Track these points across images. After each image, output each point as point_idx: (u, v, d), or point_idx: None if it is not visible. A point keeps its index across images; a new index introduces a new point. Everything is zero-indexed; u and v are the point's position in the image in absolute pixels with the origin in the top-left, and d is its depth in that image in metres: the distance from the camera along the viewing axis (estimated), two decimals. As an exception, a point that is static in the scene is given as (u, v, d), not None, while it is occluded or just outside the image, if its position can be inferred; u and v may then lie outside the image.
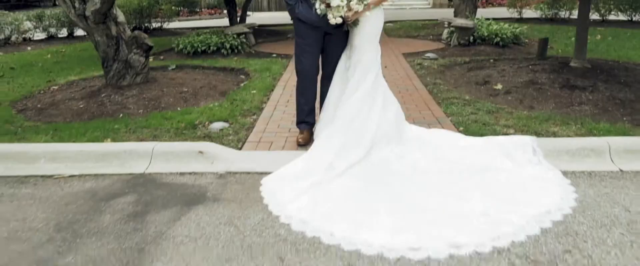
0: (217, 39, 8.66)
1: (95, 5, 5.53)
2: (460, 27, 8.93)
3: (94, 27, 5.74)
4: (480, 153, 3.75)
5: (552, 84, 5.60)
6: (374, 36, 3.81)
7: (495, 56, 8.06)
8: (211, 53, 8.64)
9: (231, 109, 5.14)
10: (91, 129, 4.52)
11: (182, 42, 8.76)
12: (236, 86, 6.45)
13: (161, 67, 7.76)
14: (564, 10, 13.61)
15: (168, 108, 5.39)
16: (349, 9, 3.44)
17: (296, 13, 3.73)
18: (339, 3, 3.36)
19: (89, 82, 6.86)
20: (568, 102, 5.13)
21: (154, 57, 8.81)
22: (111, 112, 5.28)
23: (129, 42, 6.00)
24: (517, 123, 4.49)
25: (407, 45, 9.57)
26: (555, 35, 10.52)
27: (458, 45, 8.99)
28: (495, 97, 5.48)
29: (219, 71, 7.45)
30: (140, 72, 6.11)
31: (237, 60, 8.20)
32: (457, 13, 11.91)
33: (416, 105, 5.21)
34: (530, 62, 6.84)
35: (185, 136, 4.33)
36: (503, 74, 6.26)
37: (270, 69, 7.11)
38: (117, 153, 3.83)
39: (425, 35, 11.14)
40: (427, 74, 6.78)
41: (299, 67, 3.95)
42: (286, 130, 4.48)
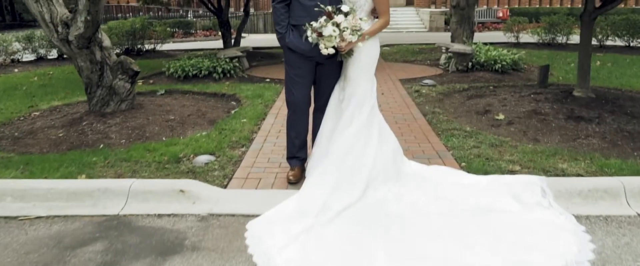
0: (209, 63, 8.42)
1: (78, 30, 5.27)
2: (459, 53, 8.73)
3: (77, 52, 5.47)
4: (484, 193, 3.46)
5: (557, 115, 5.34)
6: (369, 67, 3.55)
7: (495, 82, 7.84)
8: (203, 77, 8.38)
9: (219, 140, 4.85)
10: (66, 162, 4.21)
11: (173, 66, 8.51)
12: (226, 113, 6.17)
13: (150, 92, 7.49)
14: (561, 36, 13.49)
15: (152, 138, 5.09)
16: (342, 39, 3.18)
17: (286, 42, 3.47)
18: (331, 33, 3.10)
19: (73, 108, 6.57)
20: (574, 135, 4.87)
21: (143, 81, 8.56)
22: (91, 143, 4.98)
23: (114, 67, 5.73)
24: (522, 158, 4.21)
25: (404, 70, 9.35)
26: (554, 61, 10.34)
27: (456, 71, 8.79)
28: (497, 128, 5.21)
29: (210, 97, 7.18)
30: (125, 99, 5.82)
31: (229, 85, 7.94)
32: (455, 38, 11.78)
33: (415, 137, 4.94)
34: (531, 90, 6.60)
35: (167, 171, 4.02)
36: (504, 103, 6.01)
37: (263, 96, 6.84)
38: (90, 192, 3.52)
39: (423, 60, 10.95)
40: (426, 101, 6.53)
41: (289, 99, 3.67)
42: (276, 165, 4.19)
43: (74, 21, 5.25)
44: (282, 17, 3.48)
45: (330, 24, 3.12)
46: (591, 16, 5.51)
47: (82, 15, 5.16)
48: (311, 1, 3.38)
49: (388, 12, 3.47)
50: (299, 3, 3.44)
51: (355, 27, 3.19)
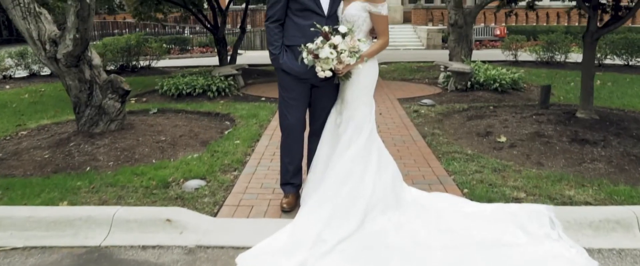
0: (204, 81, 8.26)
1: (67, 48, 5.10)
2: (457, 72, 8.61)
3: (65, 71, 5.30)
4: (489, 224, 3.27)
5: (560, 138, 5.18)
6: (368, 89, 3.38)
7: (495, 102, 7.70)
8: (197, 96, 8.21)
9: (211, 163, 4.66)
10: (49, 187, 4.00)
11: (167, 84, 8.34)
12: (219, 134, 5.99)
13: (142, 111, 7.31)
14: (559, 54, 13.42)
15: (142, 160, 4.89)
16: (340, 62, 3.01)
17: (280, 63, 3.31)
18: (328, 55, 2.94)
19: (62, 127, 6.37)
20: (579, 159, 4.70)
21: (136, 99, 8.38)
22: (78, 165, 4.77)
23: (104, 86, 5.56)
24: (526, 184, 4.03)
25: (402, 89, 9.21)
26: (553, 80, 10.23)
27: (455, 90, 8.65)
28: (499, 151, 5.04)
29: (203, 116, 7.00)
30: (115, 119, 5.63)
31: (223, 104, 7.77)
32: (453, 56, 11.67)
33: (415, 160, 4.75)
34: (533, 111, 6.45)
35: (154, 197, 3.82)
36: (506, 125, 5.84)
37: (258, 116, 6.66)
38: (71, 220, 3.31)
39: (421, 79, 10.83)
40: (425, 122, 6.37)
41: (283, 123, 3.49)
42: (270, 190, 3.99)
43: (63, 39, 5.09)
44: (276, 37, 3.32)
45: (327, 46, 2.95)
46: (594, 37, 5.39)
47: (71, 33, 4.99)
48: (307, 21, 3.22)
49: (387, 32, 3.32)
50: (293, 22, 3.28)
51: (353, 49, 3.02)
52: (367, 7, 3.21)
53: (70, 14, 4.92)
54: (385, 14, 3.26)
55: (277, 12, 3.29)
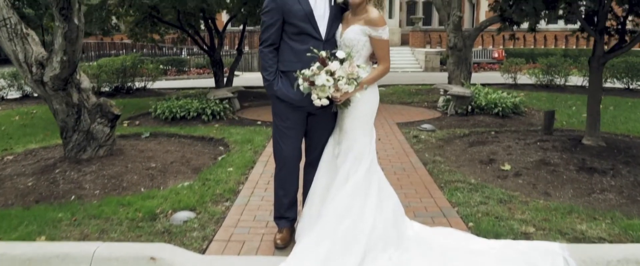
0: (198, 104, 8.07)
1: (54, 71, 4.91)
2: (458, 96, 8.44)
3: (52, 94, 5.10)
4: (498, 263, 3.03)
5: (567, 166, 4.97)
6: (368, 118, 3.18)
7: (496, 127, 7.51)
8: (191, 119, 8.01)
9: (201, 192, 4.42)
10: (28, 219, 3.76)
11: (160, 107, 8.14)
12: (212, 160, 5.76)
13: (134, 135, 7.09)
14: (559, 77, 13.31)
15: (129, 189, 4.66)
16: (337, 89, 2.81)
17: (274, 90, 3.10)
18: (325, 82, 2.74)
19: (49, 152, 6.15)
20: (588, 189, 4.49)
21: (128, 123, 8.18)
22: (62, 194, 4.54)
23: (93, 110, 5.35)
24: (535, 217, 3.80)
25: (401, 113, 9.03)
26: (554, 104, 10.07)
27: (455, 114, 8.47)
28: (504, 180, 4.82)
29: (197, 141, 6.78)
30: (103, 144, 5.41)
31: (218, 128, 7.56)
32: (452, 79, 11.54)
33: (416, 190, 4.53)
34: (536, 137, 6.25)
35: (140, 231, 3.58)
36: (509, 152, 5.64)
37: (253, 141, 6.45)
38: (47, 258, 3.06)
39: (420, 102, 10.66)
40: (425, 148, 6.16)
41: (277, 154, 3.28)
42: (263, 224, 3.75)
43: (50, 61, 4.90)
44: (270, 62, 3.13)
45: (323, 72, 2.76)
46: (600, 61, 5.22)
47: (58, 56, 4.81)
48: (303, 45, 3.04)
49: (388, 57, 3.13)
50: (289, 47, 3.10)
51: (352, 76, 2.83)
52: (366, 31, 3.02)
53: (58, 35, 4.74)
54: (387, 38, 3.08)
55: (272, 36, 3.11)
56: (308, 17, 3.04)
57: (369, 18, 3.01)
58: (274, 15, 3.08)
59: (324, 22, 3.08)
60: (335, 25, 3.10)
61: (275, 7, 3.07)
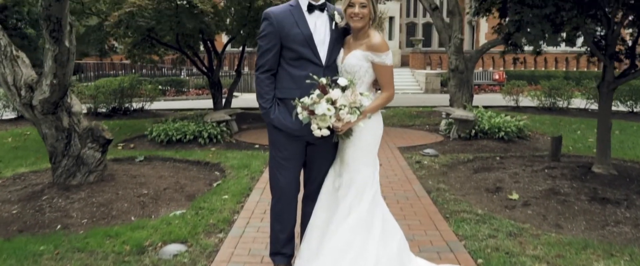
0: (195, 127, 7.87)
1: (43, 94, 4.73)
2: (460, 120, 8.26)
3: (41, 118, 4.91)
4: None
5: (578, 196, 4.75)
6: (371, 148, 2.97)
7: (501, 152, 7.31)
8: (187, 142, 7.81)
9: (194, 222, 4.19)
10: (7, 252, 3.53)
11: (156, 130, 7.95)
12: (208, 186, 5.55)
13: (128, 159, 6.88)
14: (561, 100, 13.16)
15: (119, 218, 4.44)
16: (339, 119, 2.62)
17: (271, 118, 2.91)
18: (325, 112, 2.55)
19: (39, 176, 5.93)
20: (602, 221, 4.26)
21: (123, 145, 7.97)
22: (47, 223, 4.31)
23: (84, 135, 5.16)
24: (548, 253, 3.57)
25: (403, 137, 8.83)
26: (559, 128, 9.89)
27: (458, 138, 8.28)
28: (512, 210, 4.60)
29: (192, 166, 6.57)
30: (94, 170, 5.20)
31: (214, 151, 7.35)
32: (453, 101, 11.38)
33: (420, 221, 4.30)
34: (544, 163, 6.04)
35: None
36: (516, 179, 5.42)
37: (250, 166, 6.23)
38: (23, 299, 2.82)
39: (421, 125, 10.48)
40: (428, 175, 5.94)
41: (274, 185, 3.06)
42: (258, 258, 3.52)
43: (39, 84, 4.72)
44: (267, 89, 2.93)
45: (324, 101, 2.57)
46: (610, 87, 5.05)
47: (48, 79, 4.63)
48: (302, 71, 2.86)
49: (392, 84, 2.94)
50: (287, 73, 2.91)
51: (355, 104, 2.64)
52: (369, 57, 2.84)
53: (48, 58, 4.57)
54: (390, 64, 2.89)
55: (269, 61, 2.93)
56: (307, 42, 2.86)
57: (371, 43, 2.84)
58: (271, 40, 2.90)
59: (325, 47, 2.90)
60: (336, 51, 2.92)
61: (272, 30, 2.89)
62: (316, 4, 2.93)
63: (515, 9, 3.99)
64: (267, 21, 2.92)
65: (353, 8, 2.81)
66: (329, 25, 2.94)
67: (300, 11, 2.93)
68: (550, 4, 3.85)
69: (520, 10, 3.95)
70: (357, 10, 2.80)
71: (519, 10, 3.96)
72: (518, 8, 3.97)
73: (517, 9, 3.98)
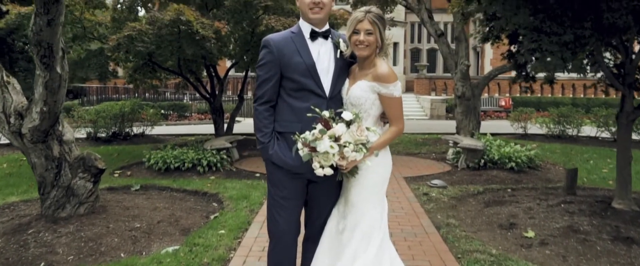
0: (194, 155, 7.62)
1: (33, 122, 4.50)
2: (469, 149, 7.98)
3: (31, 147, 4.67)
4: None
5: (599, 234, 4.44)
6: (379, 188, 2.71)
7: (512, 183, 7.00)
8: (186, 170, 7.54)
9: (187, 261, 3.90)
10: (-19, 296, 3.24)
11: (154, 157, 7.70)
12: (204, 219, 5.26)
13: (123, 187, 6.62)
14: (571, 128, 12.87)
15: (107, 254, 4.16)
16: (343, 157, 2.36)
17: (269, 154, 2.65)
18: (328, 150, 2.29)
19: (28, 207, 5.67)
20: (628, 263, 3.95)
21: (119, 173, 7.72)
22: (31, 259, 4.04)
23: (75, 164, 4.91)
24: (572, 301, 3.25)
25: (409, 166, 8.54)
26: (570, 157, 9.59)
27: (466, 168, 7.98)
28: (528, 250, 4.29)
29: (189, 196, 6.29)
30: (85, 201, 4.93)
31: (213, 181, 7.08)
32: (460, 129, 11.12)
33: (430, 262, 3.99)
34: (559, 197, 5.73)
35: (108, 314, 3.04)
36: (531, 215, 5.12)
37: (249, 197, 5.95)
38: None
39: (427, 153, 10.19)
40: (437, 209, 5.64)
41: (272, 228, 2.78)
42: (254, 305, 3.21)
43: (29, 112, 4.50)
44: (266, 121, 2.69)
45: (326, 137, 2.32)
46: (630, 117, 4.78)
47: (38, 106, 4.41)
48: (304, 102, 2.62)
49: (402, 117, 2.69)
50: (287, 105, 2.67)
51: (360, 140, 2.38)
52: (375, 88, 2.60)
53: (38, 84, 4.36)
54: (398, 95, 2.64)
55: (268, 92, 2.69)
56: (310, 71, 2.63)
57: (377, 73, 2.59)
58: (270, 69, 2.67)
59: (329, 77, 2.66)
60: (341, 81, 2.69)
61: (271, 59, 2.66)
62: (319, 31, 2.71)
63: (531, 37, 3.76)
64: (267, 49, 2.70)
65: (358, 35, 2.58)
66: (334, 53, 2.72)
67: (303, 38, 2.71)
68: (570, 32, 3.62)
69: (537, 38, 3.72)
70: (363, 38, 2.57)
71: (536, 38, 3.73)
72: (534, 36, 3.74)
73: (533, 37, 3.75)
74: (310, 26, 2.70)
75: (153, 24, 7.97)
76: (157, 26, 7.82)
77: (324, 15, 2.68)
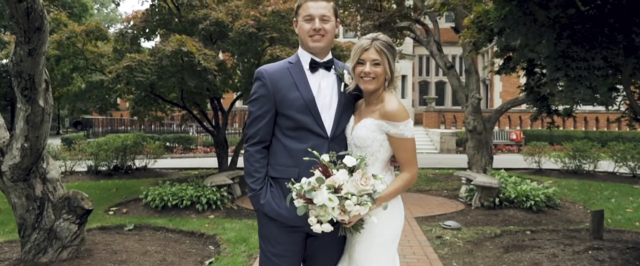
0: (193, 192, 7.24)
1: (13, 159, 4.17)
2: (483, 186, 7.53)
3: (11, 186, 4.33)
4: None
5: (636, 288, 3.96)
6: (389, 245, 2.31)
7: (531, 224, 6.53)
8: (184, 208, 7.15)
9: (173, 318, 3.47)
10: None
11: (151, 194, 7.33)
12: (198, 265, 4.84)
13: (116, 227, 6.23)
14: (587, 163, 12.36)
15: (86, 308, 3.73)
16: (344, 211, 1.98)
17: (260, 204, 2.28)
18: (326, 203, 1.92)
19: (12, 249, 5.28)
20: (672, 325, 3.45)
21: (115, 211, 7.35)
22: (1, 314, 3.62)
23: (59, 204, 4.55)
24: None
25: (420, 204, 8.09)
26: (590, 195, 9.08)
27: (481, 206, 7.52)
28: (557, 306, 3.81)
29: (185, 237, 5.88)
30: (68, 245, 4.55)
31: (211, 220, 6.67)
32: (472, 164, 10.70)
33: (446, 321, 3.53)
34: (585, 242, 5.26)
35: None
36: (556, 262, 4.65)
37: (248, 241, 5.52)
38: None
39: (439, 190, 9.72)
40: (452, 254, 5.18)
41: (263, 291, 2.38)
42: None
43: (9, 148, 4.18)
44: (257, 165, 2.32)
45: (324, 187, 1.94)
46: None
47: (19, 142, 4.09)
48: (301, 143, 2.26)
49: (415, 161, 2.31)
50: (282, 146, 2.31)
51: (365, 191, 2.00)
52: (384, 127, 2.23)
53: (20, 118, 4.05)
54: (411, 136, 2.26)
55: (261, 131, 2.33)
56: (309, 108, 2.28)
57: (386, 110, 2.23)
58: (263, 104, 2.33)
59: (331, 114, 2.31)
60: (345, 119, 2.33)
61: (265, 93, 2.32)
62: (321, 61, 2.37)
63: (555, 65, 3.40)
64: (260, 81, 2.36)
65: (363, 66, 2.24)
66: (337, 87, 2.37)
67: (301, 70, 2.37)
68: (599, 56, 3.25)
69: (562, 65, 3.36)
70: (369, 69, 2.23)
71: (561, 65, 3.37)
72: (559, 63, 3.39)
73: (557, 65, 3.39)
74: (310, 56, 2.37)
75: (154, 55, 7.75)
76: (158, 57, 7.59)
77: (325, 44, 2.35)
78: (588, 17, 3.39)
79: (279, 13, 8.38)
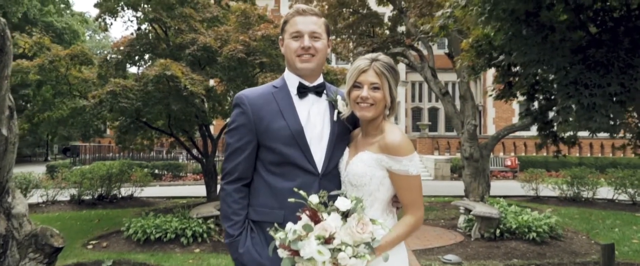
0: (178, 224, 6.84)
1: (-26, 193, 3.78)
2: (483, 217, 7.19)
3: (-29, 223, 3.92)
4: None
5: None
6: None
7: (535, 258, 6.18)
8: (168, 242, 6.73)
9: None
10: None
11: (134, 226, 6.92)
12: (178, 308, 4.43)
13: (93, 263, 5.81)
14: (586, 190, 12.08)
15: None
16: (336, 265, 1.63)
17: (239, 254, 1.93)
18: (315, 256, 1.58)
19: (-24, 290, 4.83)
20: None
21: (94, 245, 6.92)
22: None
23: (25, 242, 4.11)
24: None
25: (417, 235, 7.70)
26: (592, 224, 8.76)
27: (481, 238, 7.17)
28: None
29: (166, 275, 5.47)
30: (35, 288, 4.12)
31: (197, 254, 6.26)
32: (469, 192, 10.36)
33: None
34: (596, 279, 4.91)
35: None
36: (567, 303, 4.29)
37: (234, 279, 5.12)
38: None
39: (436, 220, 9.37)
40: (454, 293, 4.81)
41: None
42: None
43: (-30, 182, 3.79)
44: (236, 206, 1.99)
45: (313, 237, 1.60)
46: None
47: (-20, 175, 3.71)
48: (287, 181, 1.95)
49: (421, 202, 1.98)
50: (265, 184, 1.99)
51: (362, 240, 1.66)
52: (384, 162, 1.91)
53: (-19, 149, 3.68)
54: (416, 173, 1.94)
55: (240, 166, 2.01)
56: (296, 139, 1.96)
57: (387, 142, 1.91)
58: (243, 136, 2.01)
59: (322, 147, 1.99)
60: (338, 152, 2.01)
61: (245, 122, 2.01)
62: (310, 85, 2.07)
63: (567, 92, 3.14)
64: (239, 108, 2.05)
65: (360, 90, 1.93)
66: (329, 115, 2.05)
67: (288, 95, 2.06)
68: (616, 82, 2.98)
69: (574, 93, 3.09)
70: (366, 94, 1.92)
71: (573, 93, 3.10)
72: (571, 90, 3.12)
73: (569, 92, 3.12)
74: (298, 79, 2.06)
75: (139, 80, 7.45)
76: (143, 82, 7.29)
77: (315, 65, 2.05)
78: (601, 41, 3.14)
79: (269, 38, 8.15)
